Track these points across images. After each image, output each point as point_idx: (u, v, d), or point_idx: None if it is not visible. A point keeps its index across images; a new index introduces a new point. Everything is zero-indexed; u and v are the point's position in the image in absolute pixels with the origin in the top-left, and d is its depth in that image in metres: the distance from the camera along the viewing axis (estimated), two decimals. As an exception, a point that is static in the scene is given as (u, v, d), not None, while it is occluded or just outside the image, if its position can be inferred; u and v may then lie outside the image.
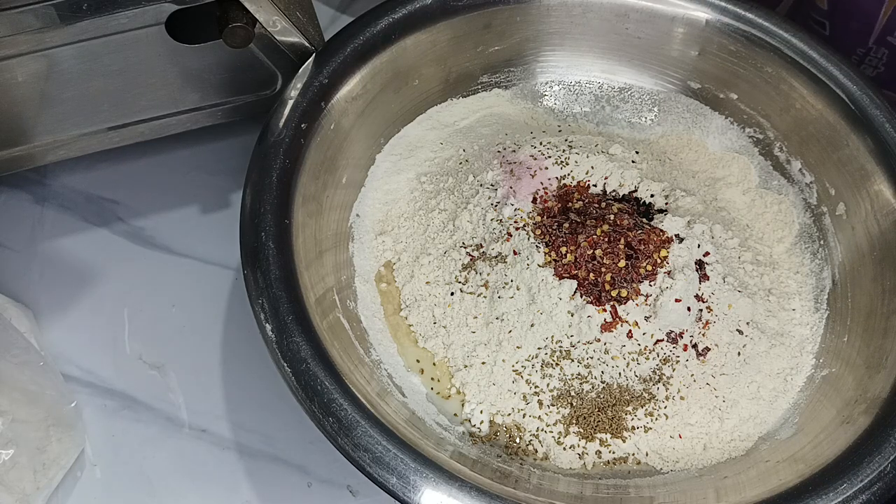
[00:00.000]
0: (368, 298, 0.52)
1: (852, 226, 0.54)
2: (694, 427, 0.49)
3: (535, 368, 0.49)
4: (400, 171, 0.57)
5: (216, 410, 0.53)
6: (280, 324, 0.44)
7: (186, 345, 0.55)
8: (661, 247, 0.50)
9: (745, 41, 0.57)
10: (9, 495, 0.46)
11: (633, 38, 0.59)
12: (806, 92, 0.55)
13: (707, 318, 0.50)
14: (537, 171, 0.55)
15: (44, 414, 0.48)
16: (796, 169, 0.57)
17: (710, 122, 0.60)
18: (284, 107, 0.51)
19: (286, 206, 0.48)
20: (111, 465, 0.51)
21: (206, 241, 0.59)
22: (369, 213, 0.55)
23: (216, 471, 0.52)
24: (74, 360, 0.54)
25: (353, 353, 0.47)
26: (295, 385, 0.43)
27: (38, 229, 0.59)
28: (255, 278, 0.45)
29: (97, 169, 0.61)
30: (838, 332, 0.52)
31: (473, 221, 0.53)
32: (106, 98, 0.52)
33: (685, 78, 0.60)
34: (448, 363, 0.50)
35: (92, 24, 0.47)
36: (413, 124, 0.59)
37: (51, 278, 0.57)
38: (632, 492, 0.46)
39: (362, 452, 0.41)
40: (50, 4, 0.44)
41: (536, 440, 0.48)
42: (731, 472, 0.47)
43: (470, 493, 0.41)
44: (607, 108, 0.61)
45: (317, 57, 0.53)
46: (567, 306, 0.49)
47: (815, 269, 0.55)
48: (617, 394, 0.49)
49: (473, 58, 0.59)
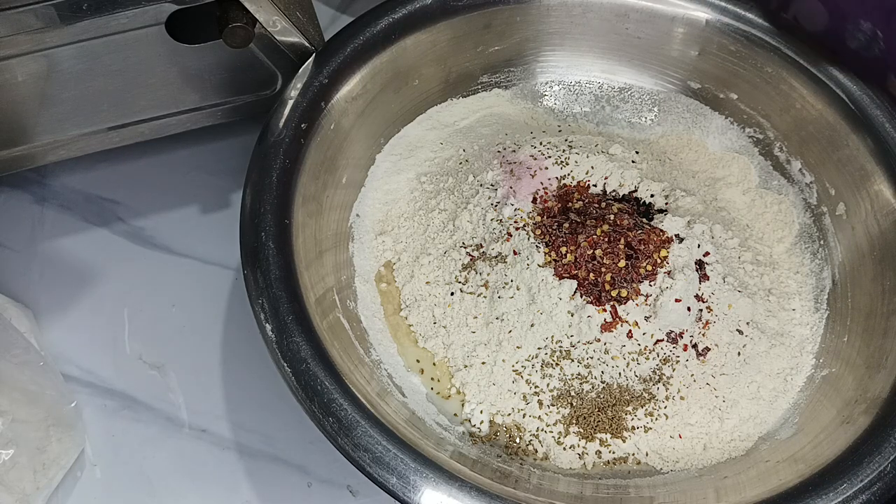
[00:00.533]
0: (368, 298, 0.52)
1: (852, 226, 0.54)
2: (694, 427, 0.49)
3: (535, 368, 0.49)
4: (400, 171, 0.57)
5: (216, 410, 0.53)
6: (280, 324, 0.44)
7: (186, 345, 0.55)
8: (661, 247, 0.50)
9: (745, 41, 0.57)
10: (9, 495, 0.46)
11: (633, 38, 0.59)
12: (806, 92, 0.55)
13: (707, 318, 0.50)
14: (537, 171, 0.55)
15: (44, 414, 0.48)
16: (796, 169, 0.57)
17: (710, 122, 0.60)
18: (284, 107, 0.51)
19: (286, 206, 0.48)
20: (111, 465, 0.51)
21: (206, 241, 0.59)
22: (369, 213, 0.55)
23: (216, 471, 0.52)
24: (74, 360, 0.54)
25: (353, 353, 0.47)
26: (295, 385, 0.43)
27: (38, 229, 0.59)
28: (255, 278, 0.45)
29: (97, 169, 0.61)
30: (838, 332, 0.52)
31: (473, 221, 0.53)
32: (106, 98, 0.52)
33: (685, 78, 0.60)
34: (448, 363, 0.50)
35: (92, 24, 0.47)
36: (413, 124, 0.59)
37: (51, 278, 0.57)
38: (632, 492, 0.46)
39: (362, 452, 0.41)
40: (50, 4, 0.44)
41: (536, 440, 0.48)
42: (731, 472, 0.47)
43: (470, 493, 0.41)
44: (607, 108, 0.61)
45: (317, 57, 0.53)
46: (567, 306, 0.49)
47: (815, 269, 0.55)
48: (617, 394, 0.49)
49: (473, 58, 0.59)
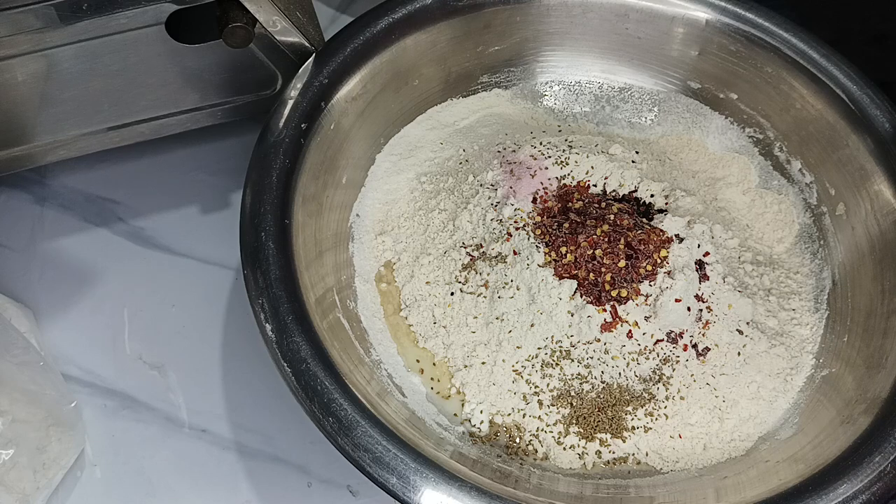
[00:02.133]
0: (368, 298, 0.52)
1: (852, 226, 0.54)
2: (694, 427, 0.49)
3: (535, 368, 0.49)
4: (400, 171, 0.57)
5: (216, 410, 0.53)
6: (280, 324, 0.44)
7: (186, 345, 0.55)
8: (661, 247, 0.50)
9: (745, 41, 0.57)
10: (9, 495, 0.46)
11: (633, 38, 0.59)
12: (806, 92, 0.55)
13: (707, 318, 0.50)
14: (537, 171, 0.55)
15: (44, 414, 0.48)
16: (796, 169, 0.57)
17: (710, 122, 0.60)
18: (284, 107, 0.51)
19: (286, 206, 0.48)
20: (111, 465, 0.51)
21: (206, 241, 0.59)
22: (369, 213, 0.55)
23: (216, 471, 0.52)
24: (74, 360, 0.54)
25: (353, 353, 0.47)
26: (295, 385, 0.43)
27: (38, 229, 0.59)
28: (255, 278, 0.45)
29: (97, 169, 0.61)
30: (838, 332, 0.52)
31: (473, 221, 0.53)
32: (106, 98, 0.52)
33: (685, 78, 0.60)
34: (448, 363, 0.50)
35: (92, 24, 0.47)
36: (413, 124, 0.59)
37: (51, 278, 0.57)
38: (632, 492, 0.46)
39: (362, 452, 0.41)
40: (50, 4, 0.44)
41: (536, 440, 0.48)
42: (731, 472, 0.47)
43: (470, 493, 0.41)
44: (607, 108, 0.61)
45: (317, 57, 0.53)
46: (567, 306, 0.49)
47: (815, 269, 0.55)
48: (617, 394, 0.49)
49: (473, 58, 0.59)
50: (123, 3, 0.46)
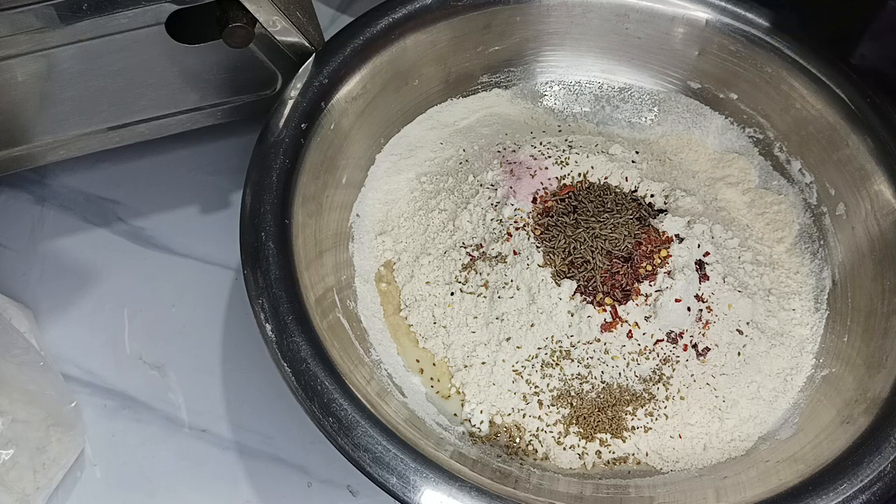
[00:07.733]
0: (368, 298, 0.52)
1: (852, 226, 0.54)
2: (694, 427, 0.49)
3: (535, 368, 0.49)
4: (400, 171, 0.57)
5: (216, 410, 0.53)
6: (280, 324, 0.44)
7: (186, 345, 0.55)
8: (661, 247, 0.50)
9: (745, 41, 0.57)
10: (9, 495, 0.46)
11: (633, 38, 0.59)
12: (806, 92, 0.55)
13: (707, 318, 0.50)
14: (537, 171, 0.55)
15: (44, 414, 0.48)
16: (796, 169, 0.57)
17: (710, 122, 0.60)
18: (284, 107, 0.51)
19: (286, 206, 0.48)
20: (111, 465, 0.51)
21: (206, 241, 0.59)
22: (369, 213, 0.55)
23: (216, 471, 0.52)
24: (74, 360, 0.54)
25: (353, 353, 0.47)
26: (295, 385, 0.43)
27: (38, 229, 0.59)
28: (255, 278, 0.45)
29: (97, 169, 0.61)
30: (838, 332, 0.52)
31: (473, 221, 0.53)
32: (106, 98, 0.52)
33: (685, 78, 0.60)
34: (448, 363, 0.50)
35: (92, 24, 0.47)
36: (413, 124, 0.59)
37: (51, 278, 0.57)
38: (632, 492, 0.46)
39: (362, 452, 0.41)
40: (50, 4, 0.44)
41: (536, 440, 0.48)
42: (731, 472, 0.47)
43: (470, 493, 0.41)
44: (607, 108, 0.61)
45: (317, 57, 0.53)
46: (567, 306, 0.49)
47: (815, 269, 0.55)
48: (617, 394, 0.49)
49: (473, 58, 0.59)
50: (123, 3, 0.46)
